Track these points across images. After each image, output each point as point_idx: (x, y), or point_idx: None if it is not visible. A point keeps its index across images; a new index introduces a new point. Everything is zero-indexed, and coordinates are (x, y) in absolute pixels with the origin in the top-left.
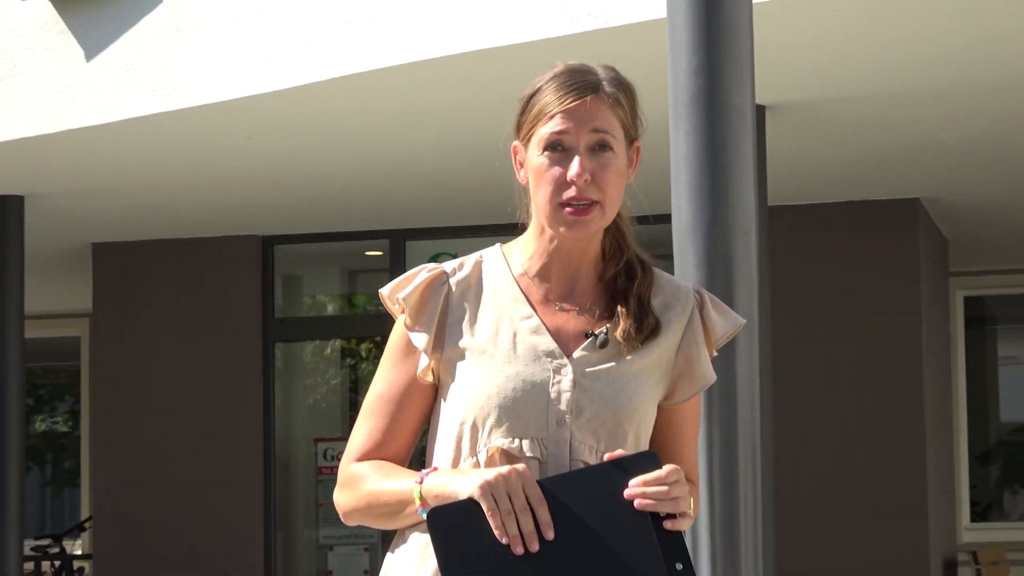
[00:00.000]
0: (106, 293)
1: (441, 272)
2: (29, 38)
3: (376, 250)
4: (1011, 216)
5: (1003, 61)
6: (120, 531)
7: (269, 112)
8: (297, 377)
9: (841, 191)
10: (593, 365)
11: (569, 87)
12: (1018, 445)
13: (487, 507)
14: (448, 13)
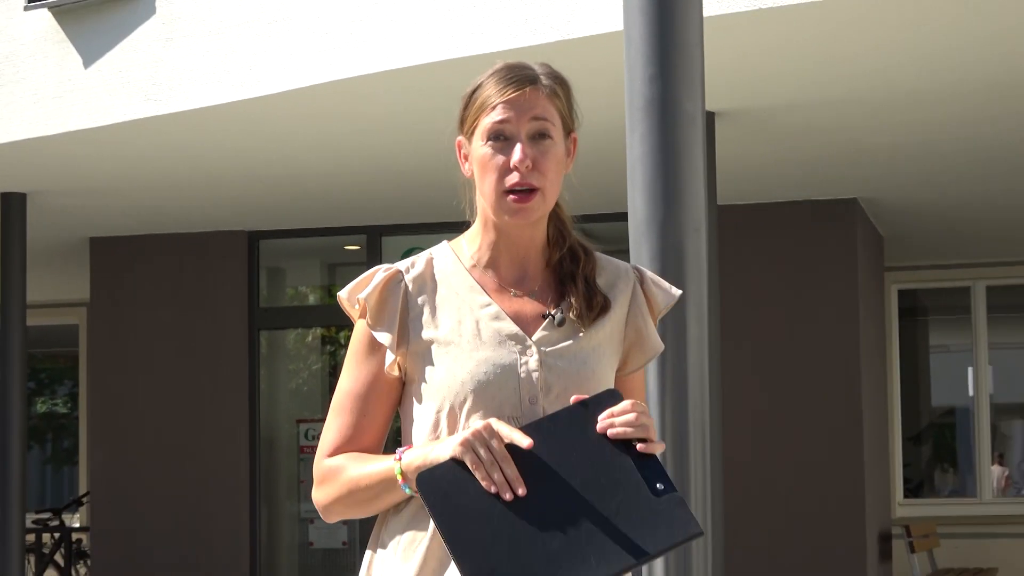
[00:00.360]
0: (102, 284)
1: (396, 271)
2: (31, 46)
3: (354, 244)
4: (941, 215)
5: (930, 74)
6: (115, 506)
7: (254, 116)
8: (280, 363)
9: (785, 191)
10: (554, 344)
11: (509, 80)
12: (948, 427)
13: (470, 461)
14: (421, 25)
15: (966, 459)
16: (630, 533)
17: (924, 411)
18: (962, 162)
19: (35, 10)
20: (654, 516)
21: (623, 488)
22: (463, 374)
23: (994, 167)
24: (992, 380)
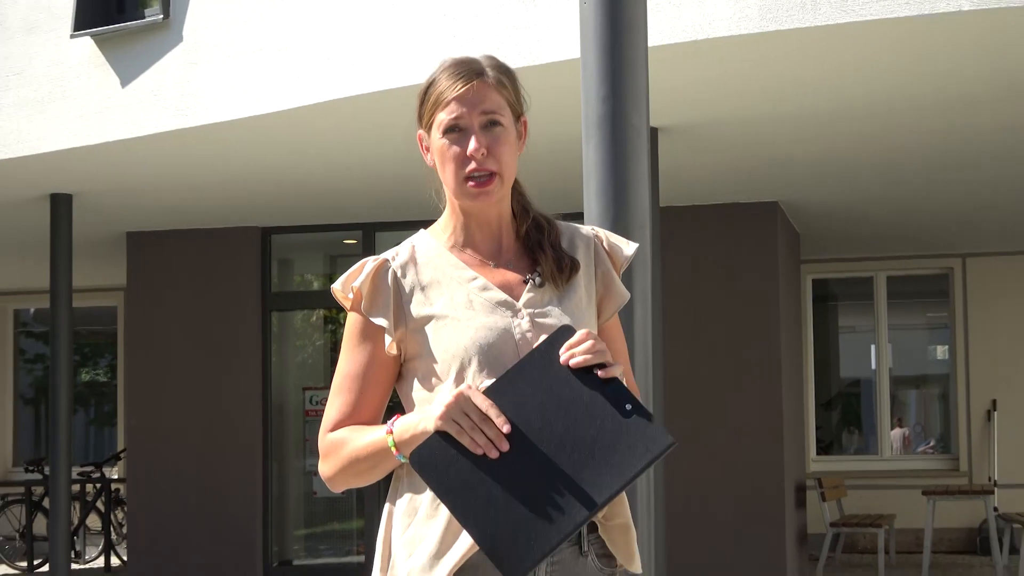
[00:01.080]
0: (137, 272)
1: (384, 261)
2: (76, 69)
3: (352, 239)
4: (849, 215)
5: (840, 96)
6: (147, 461)
7: (267, 129)
8: (289, 339)
9: (717, 195)
10: (540, 306)
11: (458, 76)
12: (854, 396)
13: (453, 431)
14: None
15: (869, 423)
16: (611, 458)
17: (834, 382)
18: (867, 171)
19: (79, 38)
20: (629, 436)
21: (596, 417)
22: (466, 341)
23: (894, 175)
24: (891, 356)
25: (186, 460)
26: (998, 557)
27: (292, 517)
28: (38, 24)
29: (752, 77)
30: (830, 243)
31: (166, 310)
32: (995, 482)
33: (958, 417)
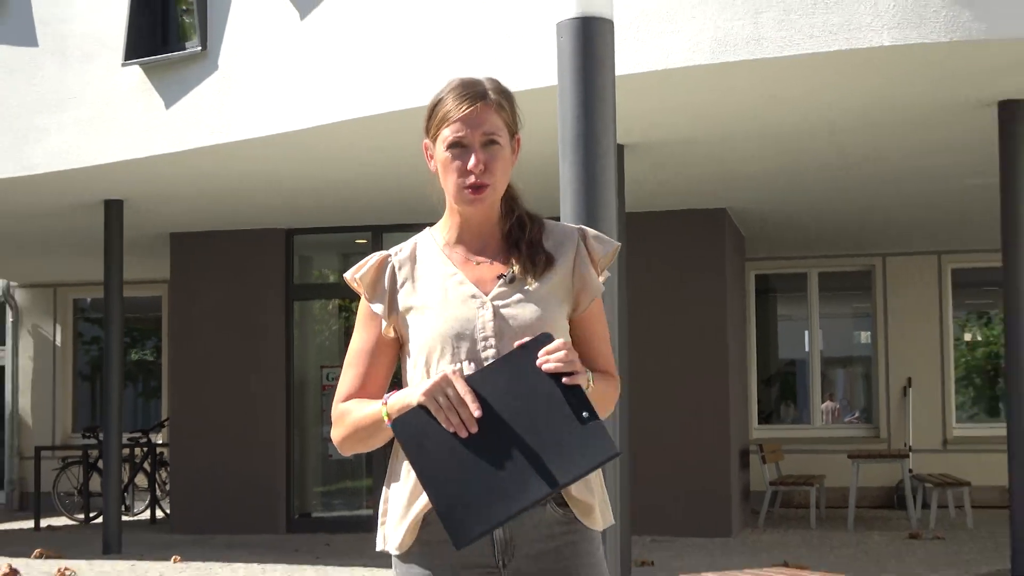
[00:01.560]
0: (179, 266)
1: (386, 256)
2: (126, 94)
3: (362, 239)
4: (787, 220)
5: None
6: (188, 428)
7: (290, 144)
8: (308, 324)
9: (674, 203)
10: (507, 299)
11: (463, 97)
12: (790, 374)
13: (432, 408)
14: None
15: (803, 397)
16: (562, 457)
17: (773, 362)
18: (803, 183)
19: (129, 67)
20: (582, 441)
21: (556, 419)
22: (437, 329)
23: (825, 187)
24: (822, 340)
25: (220, 427)
26: (912, 511)
27: (310, 476)
28: (94, 54)
29: (705, 102)
30: (770, 244)
31: (203, 299)
32: (910, 448)
33: (878, 392)
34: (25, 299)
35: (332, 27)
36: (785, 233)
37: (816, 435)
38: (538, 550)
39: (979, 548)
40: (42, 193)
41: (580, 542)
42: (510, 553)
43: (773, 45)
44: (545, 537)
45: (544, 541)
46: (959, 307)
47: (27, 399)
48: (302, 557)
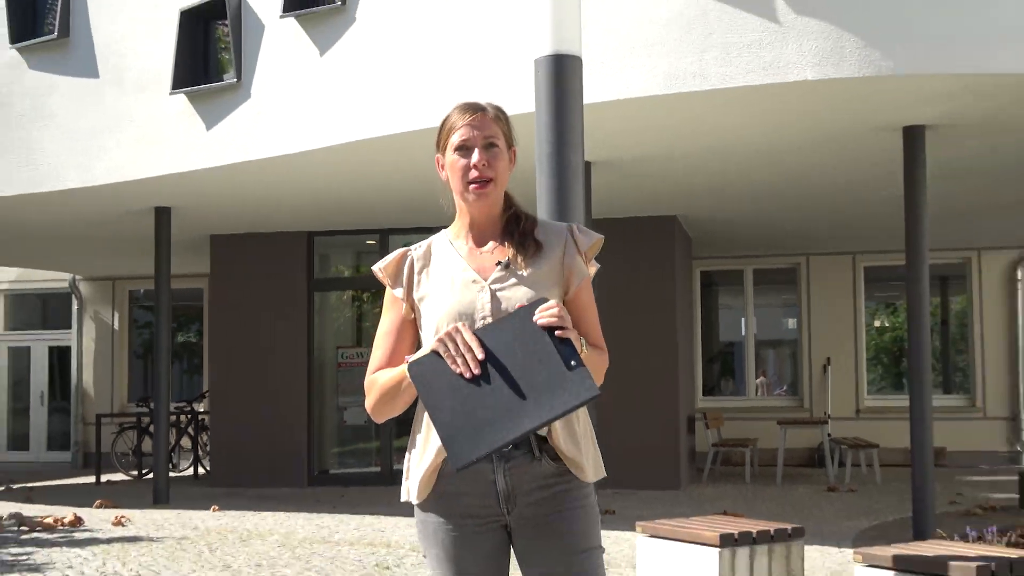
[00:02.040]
0: (218, 263)
1: (406, 251)
2: (172, 118)
3: (372, 240)
4: (727, 226)
5: (721, 139)
6: (225, 398)
7: (312, 161)
8: (327, 312)
9: (633, 210)
10: (503, 283)
11: (466, 110)
12: (729, 354)
13: (442, 351)
14: (404, 107)
15: (740, 373)
16: (551, 396)
17: (715, 344)
18: (740, 194)
19: (176, 95)
20: (568, 383)
21: (547, 365)
22: (443, 309)
23: (759, 198)
24: (755, 326)
25: (252, 398)
26: (830, 468)
27: (328, 439)
28: (146, 84)
29: (659, 127)
30: (713, 245)
31: (238, 291)
32: (828, 415)
33: (803, 370)
34: (88, 290)
35: (346, 63)
36: (726, 236)
37: (750, 405)
38: (536, 498)
39: (886, 500)
40: (102, 201)
41: (572, 491)
42: (513, 502)
43: (715, 79)
44: (542, 487)
45: (541, 491)
46: (870, 298)
47: (90, 374)
48: (321, 507)
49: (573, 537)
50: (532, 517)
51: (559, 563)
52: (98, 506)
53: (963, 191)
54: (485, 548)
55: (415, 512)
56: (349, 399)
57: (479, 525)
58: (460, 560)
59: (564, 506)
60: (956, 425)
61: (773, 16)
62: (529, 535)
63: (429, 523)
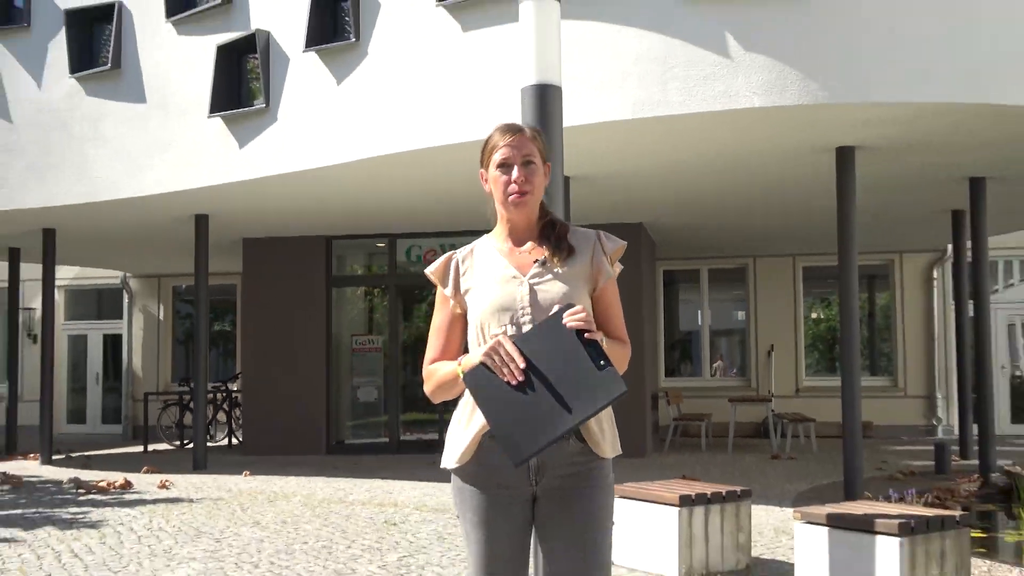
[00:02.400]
0: (249, 262)
1: (452, 255)
2: (211, 139)
3: (381, 243)
4: (686, 232)
5: (681, 157)
6: (255, 379)
7: (330, 175)
8: (342, 305)
9: (605, 218)
10: (540, 279)
11: (507, 131)
12: (688, 342)
13: (490, 364)
14: (410, 128)
15: (697, 358)
16: (587, 395)
17: (675, 333)
18: (697, 205)
19: (214, 118)
20: (600, 382)
21: (580, 368)
22: (486, 303)
23: (712, 208)
24: (711, 317)
25: (278, 378)
26: (773, 439)
27: (343, 413)
28: (188, 109)
29: (628, 145)
30: (675, 249)
31: (266, 286)
32: (772, 394)
33: (750, 355)
34: (137, 286)
35: (359, 91)
36: (685, 241)
37: (706, 385)
38: (562, 473)
39: (821, 466)
40: (149, 210)
41: (594, 467)
42: (542, 475)
43: (676, 106)
44: (568, 464)
45: (568, 467)
46: (808, 294)
47: (138, 358)
48: (337, 472)
49: (591, 513)
50: (558, 489)
51: (575, 536)
52: (145, 472)
53: (887, 202)
54: (514, 516)
55: (453, 480)
56: (362, 379)
57: (511, 495)
58: (491, 525)
59: (587, 483)
60: (881, 402)
61: (726, 53)
62: (553, 505)
63: (466, 491)
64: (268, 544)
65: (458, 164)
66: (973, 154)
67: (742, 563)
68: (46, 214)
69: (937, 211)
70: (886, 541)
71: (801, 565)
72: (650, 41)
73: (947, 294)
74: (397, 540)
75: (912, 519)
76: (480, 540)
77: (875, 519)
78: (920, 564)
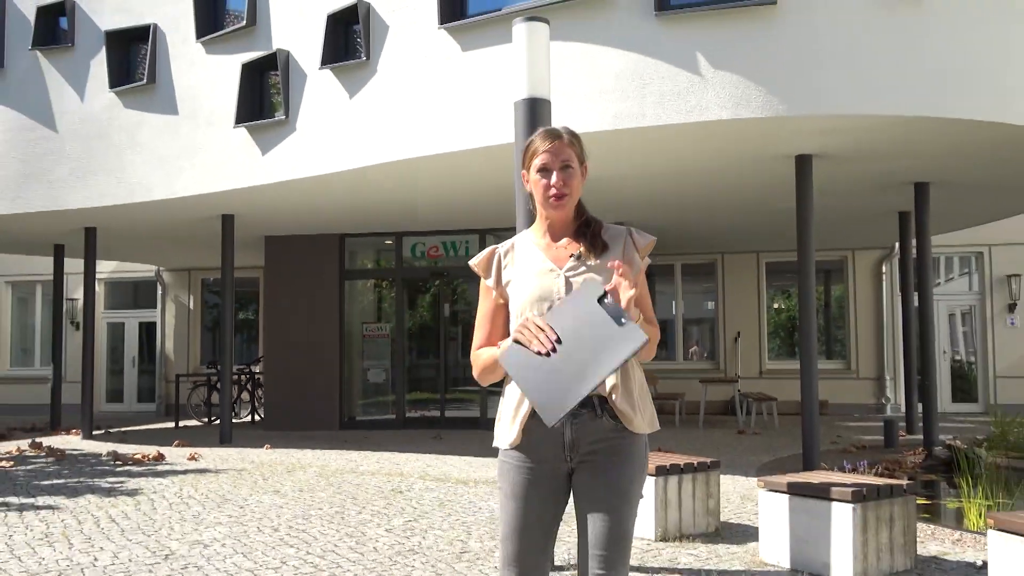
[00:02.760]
0: (271, 258)
1: (494, 249)
2: (236, 147)
3: (389, 240)
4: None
5: (656, 163)
6: (275, 362)
7: (343, 180)
8: (354, 296)
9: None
10: (575, 271)
11: (546, 137)
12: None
13: (521, 339)
14: (416, 136)
15: (671, 343)
16: (610, 351)
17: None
18: (670, 207)
19: (239, 128)
20: (620, 337)
21: (602, 328)
22: (526, 293)
23: (684, 210)
24: (683, 307)
25: (296, 362)
26: (740, 416)
27: (355, 392)
28: (215, 120)
29: (611, 153)
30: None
31: (286, 279)
32: (739, 375)
33: (719, 341)
34: (169, 278)
35: (369, 104)
36: (660, 239)
37: (679, 367)
38: (596, 448)
39: (782, 440)
40: (181, 210)
41: (624, 442)
42: (576, 450)
43: (652, 119)
44: (600, 440)
45: (601, 443)
46: (770, 286)
47: (171, 343)
48: (349, 445)
49: (619, 485)
50: (591, 461)
51: (602, 505)
52: (176, 445)
53: (841, 205)
54: (546, 490)
55: (499, 454)
56: (371, 362)
57: (546, 470)
58: (526, 496)
59: (619, 456)
60: (835, 383)
61: (696, 71)
62: (586, 475)
63: (508, 463)
64: (287, 510)
65: (459, 169)
66: (918, 161)
67: (712, 526)
68: (88, 214)
69: (886, 212)
70: (840, 507)
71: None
72: (629, 60)
73: (895, 287)
74: (403, 506)
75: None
76: (511, 510)
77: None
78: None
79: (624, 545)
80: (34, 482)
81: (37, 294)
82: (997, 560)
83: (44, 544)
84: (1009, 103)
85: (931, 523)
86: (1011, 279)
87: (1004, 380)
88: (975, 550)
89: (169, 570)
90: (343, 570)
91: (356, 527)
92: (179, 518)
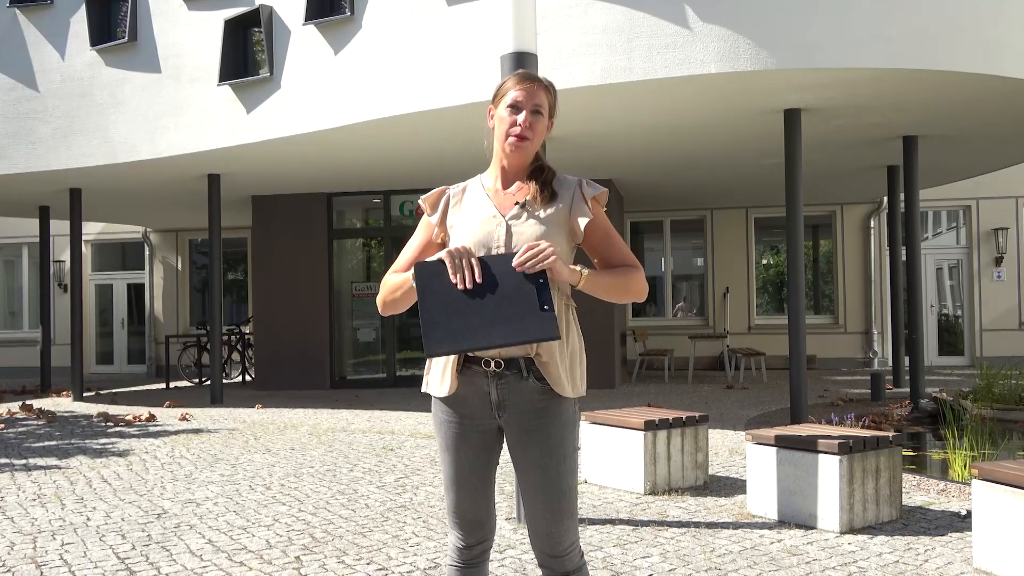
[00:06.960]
0: (258, 217)
1: (445, 189)
2: (220, 104)
3: (377, 199)
4: (651, 186)
5: (645, 119)
6: (265, 322)
7: (329, 138)
8: (343, 255)
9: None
10: (518, 219)
11: (524, 78)
12: (653, 286)
13: (448, 261)
14: (400, 92)
15: (660, 300)
16: (518, 327)
17: None
18: (660, 162)
19: (223, 86)
20: (536, 321)
21: (525, 303)
22: (465, 239)
23: (673, 165)
24: (673, 264)
25: (286, 321)
26: (728, 371)
27: (345, 351)
28: (199, 78)
29: (599, 109)
30: (641, 202)
31: (274, 239)
32: (727, 331)
33: (708, 297)
34: (157, 239)
35: (354, 60)
36: (650, 194)
37: (669, 324)
38: (523, 409)
39: (770, 394)
40: (166, 170)
41: (552, 404)
42: (503, 410)
43: (640, 72)
44: (528, 401)
45: (528, 404)
46: (759, 242)
47: (160, 304)
48: (339, 404)
49: (549, 447)
50: (519, 423)
51: (538, 463)
52: (167, 406)
53: (830, 159)
54: (477, 442)
55: (432, 405)
56: (361, 322)
57: (475, 424)
58: (456, 449)
59: (546, 419)
60: (823, 338)
61: (685, 24)
62: (516, 436)
63: (439, 416)
64: (278, 468)
65: (445, 125)
66: (907, 115)
67: (700, 480)
68: (72, 175)
69: (874, 167)
70: (827, 459)
71: (752, 481)
72: (617, 13)
73: (883, 241)
74: (394, 463)
75: (850, 439)
76: (446, 461)
77: (818, 440)
78: (857, 479)
79: (568, 499)
80: (25, 444)
81: (23, 256)
82: (981, 509)
83: (36, 505)
84: (998, 55)
85: (917, 474)
86: (998, 232)
87: (990, 333)
88: (960, 500)
89: (162, 529)
90: (335, 527)
91: (348, 484)
92: (171, 478)
